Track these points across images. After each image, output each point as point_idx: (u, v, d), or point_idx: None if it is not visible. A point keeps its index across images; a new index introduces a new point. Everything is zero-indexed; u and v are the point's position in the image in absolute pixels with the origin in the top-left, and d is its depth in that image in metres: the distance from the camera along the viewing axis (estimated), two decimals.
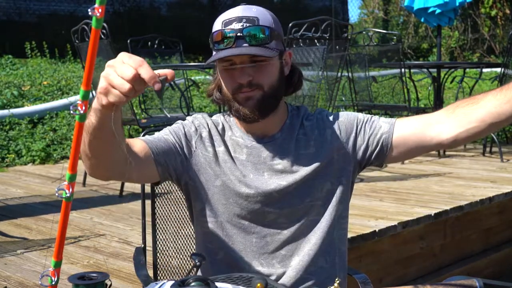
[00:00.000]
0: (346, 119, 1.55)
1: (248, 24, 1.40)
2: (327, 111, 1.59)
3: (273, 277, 1.51)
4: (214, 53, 1.45)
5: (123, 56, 1.10)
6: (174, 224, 1.88)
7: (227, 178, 1.50)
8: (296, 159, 1.51)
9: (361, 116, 1.55)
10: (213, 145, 1.52)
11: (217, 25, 1.44)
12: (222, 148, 1.52)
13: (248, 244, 1.52)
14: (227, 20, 1.42)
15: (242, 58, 1.41)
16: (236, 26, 1.40)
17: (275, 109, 1.49)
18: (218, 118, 1.58)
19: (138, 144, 1.41)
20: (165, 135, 1.49)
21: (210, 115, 1.59)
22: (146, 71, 1.06)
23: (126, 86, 1.07)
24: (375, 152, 1.52)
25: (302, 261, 1.51)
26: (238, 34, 1.39)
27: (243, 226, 1.52)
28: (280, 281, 1.50)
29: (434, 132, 1.43)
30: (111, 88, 1.09)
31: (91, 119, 1.19)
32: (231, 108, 1.48)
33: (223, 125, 1.56)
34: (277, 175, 1.50)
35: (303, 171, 1.49)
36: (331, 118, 1.55)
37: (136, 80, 1.07)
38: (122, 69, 1.08)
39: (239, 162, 1.51)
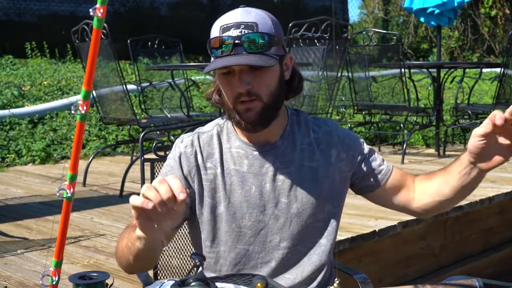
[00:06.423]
0: (353, 145, 1.54)
1: (246, 31, 1.35)
2: (334, 125, 1.57)
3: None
4: (212, 59, 1.41)
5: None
6: None
7: (227, 203, 1.47)
8: (300, 171, 1.49)
9: (366, 148, 1.56)
10: (206, 171, 1.49)
11: (215, 31, 1.39)
12: (219, 170, 1.48)
13: (252, 270, 1.50)
14: (224, 26, 1.37)
15: (241, 66, 1.37)
16: (234, 32, 1.35)
17: (275, 118, 1.46)
18: (210, 131, 1.53)
19: None
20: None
21: (202, 131, 1.55)
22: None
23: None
24: (364, 186, 1.55)
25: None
26: (236, 41, 1.35)
27: (247, 253, 1.50)
28: None
29: (413, 201, 1.55)
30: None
31: (136, 244, 1.31)
32: (232, 118, 1.44)
33: (216, 138, 1.51)
34: (280, 190, 1.48)
35: (307, 188, 1.48)
36: (338, 137, 1.54)
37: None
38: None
39: (239, 176, 1.48)
